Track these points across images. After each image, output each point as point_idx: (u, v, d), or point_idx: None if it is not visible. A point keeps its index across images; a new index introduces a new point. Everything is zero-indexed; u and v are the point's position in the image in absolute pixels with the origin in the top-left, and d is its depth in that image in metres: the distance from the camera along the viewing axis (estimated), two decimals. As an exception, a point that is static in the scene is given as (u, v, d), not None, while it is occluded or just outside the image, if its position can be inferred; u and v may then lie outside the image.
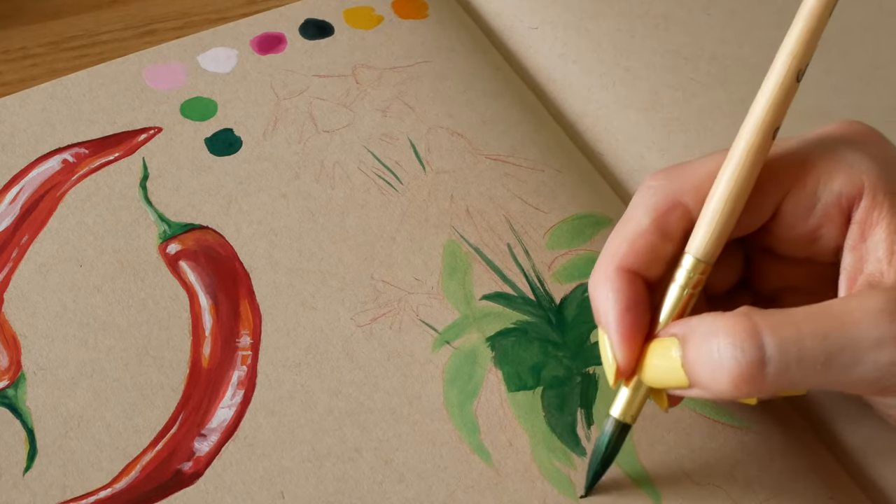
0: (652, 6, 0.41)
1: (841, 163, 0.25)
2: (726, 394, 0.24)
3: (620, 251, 0.26)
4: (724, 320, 0.24)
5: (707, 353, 0.24)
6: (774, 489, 0.28)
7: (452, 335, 0.31)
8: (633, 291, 0.26)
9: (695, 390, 0.24)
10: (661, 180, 0.26)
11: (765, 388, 0.23)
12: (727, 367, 0.23)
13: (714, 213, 0.25)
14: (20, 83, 0.38)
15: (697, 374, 0.24)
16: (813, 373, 0.23)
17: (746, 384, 0.23)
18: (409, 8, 0.41)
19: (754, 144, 0.25)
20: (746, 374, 0.23)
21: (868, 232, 0.25)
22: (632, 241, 0.26)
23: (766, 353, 0.23)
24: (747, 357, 0.23)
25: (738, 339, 0.23)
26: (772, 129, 0.25)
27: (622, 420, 0.27)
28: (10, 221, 0.33)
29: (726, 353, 0.23)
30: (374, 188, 0.35)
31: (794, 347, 0.23)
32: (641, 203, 0.26)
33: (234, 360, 0.30)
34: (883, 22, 0.41)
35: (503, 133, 0.37)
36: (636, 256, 0.26)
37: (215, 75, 0.37)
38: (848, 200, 0.25)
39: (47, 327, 0.30)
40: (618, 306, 0.25)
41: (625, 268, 0.26)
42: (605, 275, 0.26)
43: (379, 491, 0.28)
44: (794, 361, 0.23)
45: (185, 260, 0.32)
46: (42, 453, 0.28)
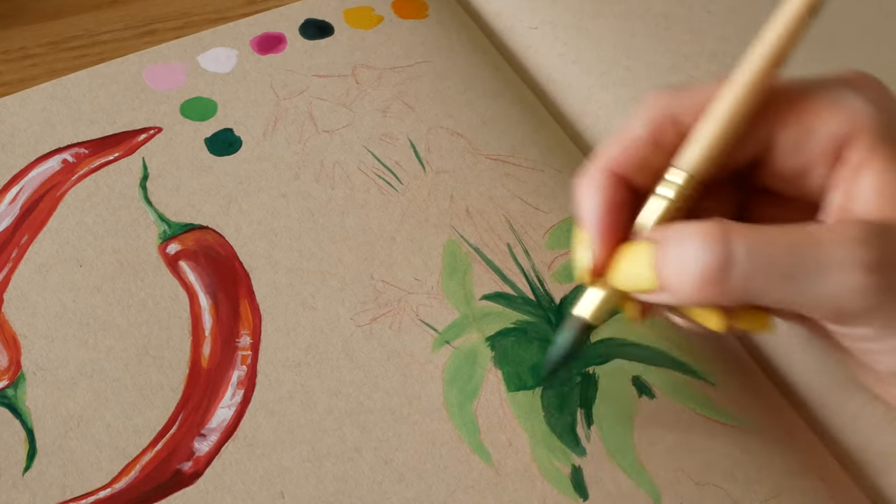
0: (652, 5, 0.41)
1: (839, 103, 0.25)
2: (689, 296, 0.24)
3: (612, 154, 0.26)
4: (696, 224, 0.24)
5: (677, 254, 0.24)
6: (774, 489, 0.28)
7: (452, 335, 0.31)
8: (618, 194, 0.26)
9: (662, 294, 0.25)
10: (663, 97, 0.27)
11: (729, 292, 0.24)
12: (694, 266, 0.23)
13: (709, 129, 0.25)
14: (20, 83, 0.38)
15: (666, 274, 0.24)
16: (777, 284, 0.23)
17: (711, 285, 0.23)
18: (408, 8, 0.41)
19: (759, 71, 0.25)
20: (712, 273, 0.23)
21: (857, 173, 0.25)
22: (625, 148, 0.26)
23: (734, 256, 0.23)
24: (714, 256, 0.23)
25: (707, 240, 0.23)
26: (779, 59, 0.25)
27: (587, 319, 0.27)
28: (9, 221, 0.33)
29: (695, 253, 0.24)
30: (374, 188, 0.35)
31: (761, 254, 0.23)
32: (640, 115, 0.27)
33: (234, 360, 0.30)
34: (883, 23, 0.41)
35: (503, 133, 0.37)
36: (627, 162, 0.26)
37: (215, 75, 0.37)
38: (842, 141, 0.25)
39: (47, 327, 0.30)
40: (601, 204, 0.26)
41: (613, 171, 0.26)
42: (594, 174, 0.26)
43: (379, 491, 0.28)
44: (760, 266, 0.23)
45: (184, 260, 0.32)
46: (42, 453, 0.28)
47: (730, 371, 0.31)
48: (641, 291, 0.25)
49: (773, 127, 0.26)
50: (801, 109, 0.26)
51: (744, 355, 0.32)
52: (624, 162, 0.26)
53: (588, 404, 0.30)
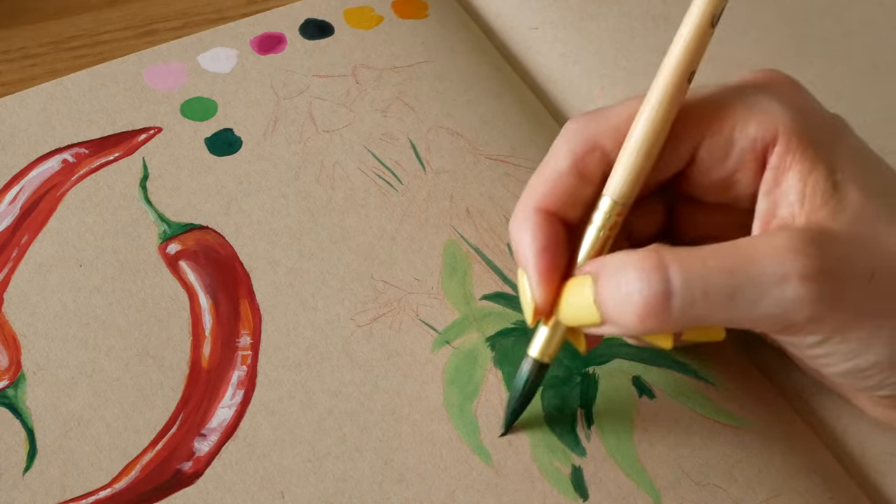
0: (651, 7, 0.41)
1: (756, 109, 0.25)
2: (633, 328, 0.24)
3: (539, 192, 0.26)
4: (633, 256, 0.24)
5: (615, 288, 0.24)
6: (774, 489, 0.28)
7: (452, 335, 0.31)
8: (552, 232, 0.26)
9: (607, 327, 0.25)
10: (581, 123, 0.27)
11: (671, 322, 0.24)
12: (633, 300, 0.24)
13: (631, 154, 0.25)
14: (20, 83, 0.38)
15: (607, 309, 0.24)
16: (719, 307, 0.23)
17: (652, 317, 0.23)
18: (409, 8, 0.41)
19: (670, 87, 0.25)
20: (651, 306, 0.23)
21: (781, 177, 0.25)
22: (551, 183, 0.26)
23: (672, 287, 0.23)
24: (653, 290, 0.23)
25: (645, 272, 0.23)
26: (687, 72, 0.25)
27: (539, 359, 0.27)
28: (10, 221, 0.33)
29: (633, 287, 0.24)
30: (374, 188, 0.35)
31: (699, 281, 0.23)
32: (561, 146, 0.27)
33: (234, 360, 0.30)
34: (883, 21, 0.41)
35: (503, 133, 0.37)
36: (555, 198, 0.26)
37: (215, 75, 0.37)
38: (763, 146, 0.25)
39: (47, 327, 0.30)
40: (535, 245, 0.26)
41: (543, 209, 0.26)
42: (524, 215, 0.26)
43: (379, 491, 0.28)
44: (699, 295, 0.23)
45: (185, 260, 0.32)
46: (42, 453, 0.28)
47: (730, 371, 0.31)
48: (588, 326, 0.25)
49: (694, 141, 0.26)
50: (719, 120, 0.26)
51: (744, 356, 0.32)
52: (552, 198, 0.26)
53: (588, 404, 0.30)
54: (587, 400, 0.30)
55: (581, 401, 0.30)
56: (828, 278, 0.23)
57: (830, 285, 0.23)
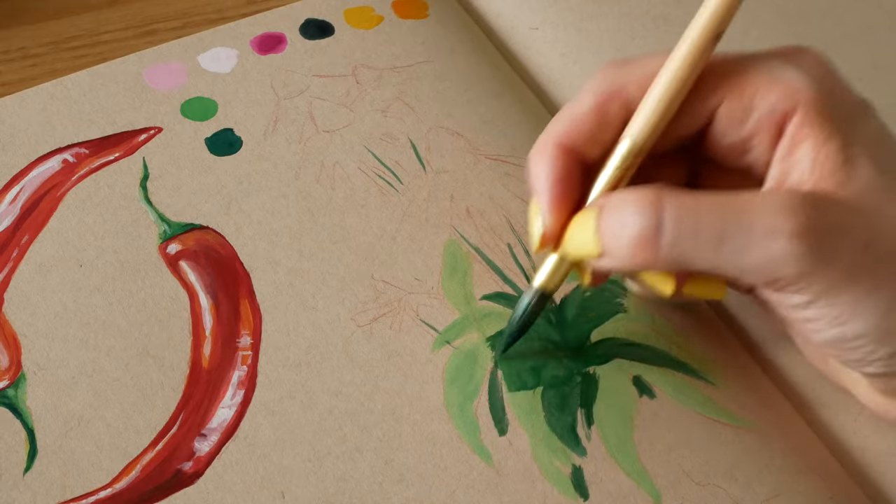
0: (651, 7, 0.42)
1: (780, 78, 0.26)
2: (625, 259, 0.25)
3: (561, 128, 0.27)
4: (636, 191, 0.25)
5: (614, 220, 0.25)
6: (775, 489, 0.28)
7: (453, 335, 0.31)
8: (568, 165, 0.27)
9: (605, 259, 0.26)
10: (611, 69, 0.27)
11: (660, 257, 0.24)
12: (627, 231, 0.25)
13: (653, 101, 0.26)
14: (20, 83, 0.38)
15: (605, 239, 0.25)
16: (707, 249, 0.24)
17: (642, 249, 0.24)
18: (409, 8, 0.41)
19: (698, 42, 0.26)
20: (642, 238, 0.24)
21: (796, 146, 0.26)
22: (573, 121, 0.27)
23: (663, 220, 0.24)
24: (645, 222, 0.24)
25: (640, 205, 0.24)
26: (716, 31, 0.26)
27: (542, 289, 0.28)
28: (10, 221, 0.33)
29: (628, 219, 0.25)
30: (374, 188, 0.35)
31: (690, 220, 0.24)
32: (588, 88, 0.27)
33: (235, 360, 0.30)
34: (883, 22, 0.41)
35: (503, 133, 0.37)
36: (575, 135, 0.27)
37: (216, 75, 0.37)
38: (782, 114, 0.26)
39: (47, 327, 0.30)
40: (551, 175, 0.27)
41: (563, 144, 0.27)
42: (543, 147, 0.27)
43: (379, 491, 0.28)
44: (688, 233, 0.24)
45: (185, 260, 0.32)
46: (42, 453, 0.28)
47: (730, 371, 0.31)
48: (588, 257, 0.26)
49: (715, 101, 0.26)
50: (742, 84, 0.26)
51: (744, 355, 0.32)
52: (573, 135, 0.27)
53: (588, 404, 0.30)
54: (588, 400, 0.30)
55: (581, 401, 0.30)
56: (819, 238, 0.24)
57: (820, 245, 0.24)
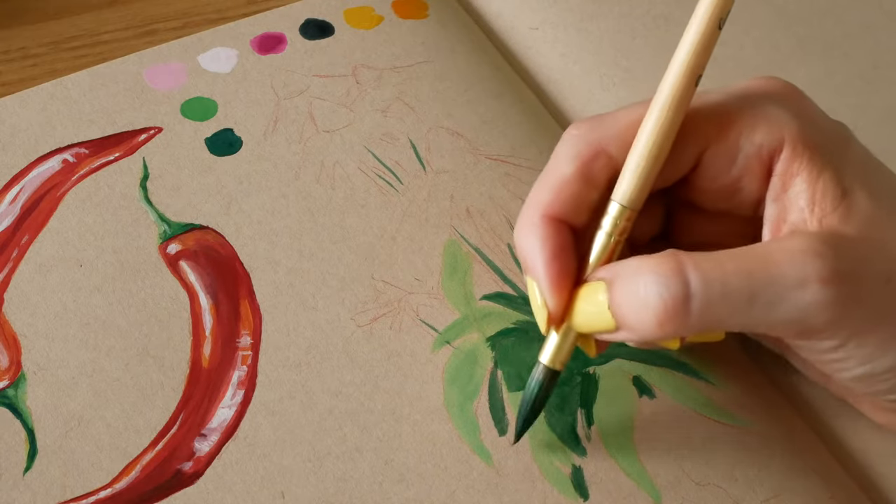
0: (652, 7, 0.42)
1: (762, 116, 0.25)
2: (651, 333, 0.24)
3: (545, 199, 0.26)
4: (650, 260, 0.24)
5: (633, 293, 0.24)
6: (775, 489, 0.28)
7: (453, 335, 0.31)
8: (560, 238, 0.26)
9: (622, 333, 0.25)
10: (584, 129, 0.27)
11: (689, 326, 0.23)
12: (652, 304, 0.23)
13: (639, 158, 0.25)
14: (20, 83, 0.38)
15: (624, 314, 0.24)
16: (738, 311, 0.23)
17: (671, 321, 0.23)
18: (409, 8, 0.41)
19: (678, 91, 0.25)
20: (671, 310, 0.23)
21: (789, 183, 0.25)
22: (557, 190, 0.26)
23: (691, 289, 0.23)
24: (672, 292, 0.23)
25: (663, 276, 0.23)
26: (694, 75, 0.25)
27: (551, 367, 0.27)
28: (10, 221, 0.33)
29: (651, 290, 0.23)
30: (374, 188, 0.35)
31: (718, 283, 0.23)
32: (565, 152, 0.26)
33: (235, 360, 0.30)
34: (883, 23, 0.41)
35: (503, 133, 0.37)
36: (561, 204, 0.26)
37: (216, 75, 0.37)
38: (769, 153, 0.25)
39: (47, 327, 0.30)
40: (545, 253, 0.26)
41: (550, 216, 0.26)
42: (530, 223, 0.26)
43: (379, 491, 0.28)
44: (718, 297, 0.23)
45: (185, 260, 0.32)
46: (42, 453, 0.28)
47: (730, 371, 0.31)
48: (602, 332, 0.25)
49: (700, 146, 0.26)
50: (726, 126, 0.26)
51: (744, 356, 0.32)
52: (559, 205, 0.26)
53: (588, 404, 0.30)
54: (588, 400, 0.30)
55: (581, 401, 0.30)
56: (846, 281, 0.23)
57: (849, 288, 0.23)
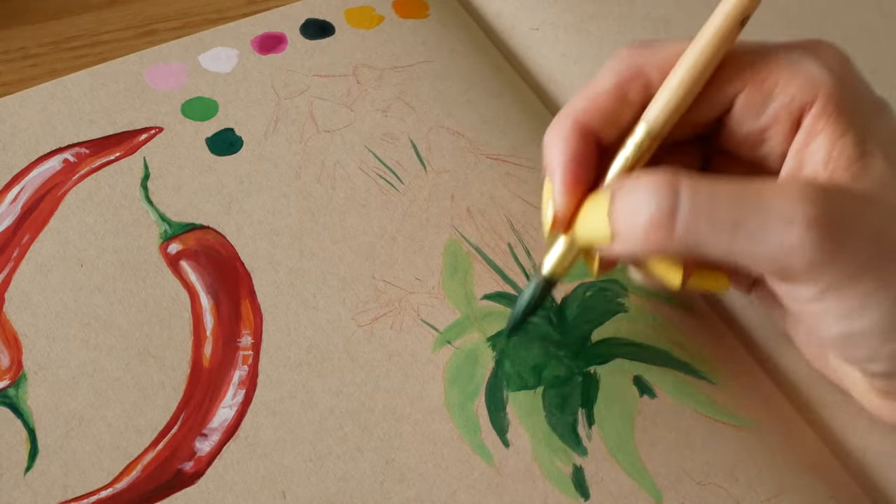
0: (653, 9, 0.42)
1: (800, 70, 0.26)
2: (638, 242, 0.24)
3: (579, 107, 0.27)
4: (650, 174, 0.25)
5: (628, 201, 0.25)
6: (775, 488, 0.28)
7: (453, 335, 0.31)
8: (584, 145, 0.27)
9: (616, 244, 0.25)
10: (631, 50, 0.27)
11: (673, 241, 0.24)
12: (641, 212, 0.24)
13: (672, 86, 0.26)
14: (20, 83, 0.38)
15: (617, 222, 0.25)
16: (721, 234, 0.24)
17: (656, 231, 0.24)
18: (409, 8, 0.41)
19: (721, 28, 0.26)
20: (657, 220, 0.24)
21: (811, 139, 0.25)
22: (592, 101, 0.27)
23: (679, 203, 0.24)
24: (660, 203, 0.24)
25: (656, 187, 0.24)
26: (740, 17, 0.26)
27: (550, 277, 0.28)
28: (10, 221, 0.33)
29: (642, 200, 0.24)
30: (374, 188, 0.35)
31: (706, 204, 0.24)
32: (608, 68, 0.27)
33: (236, 360, 0.30)
34: (882, 26, 0.41)
35: (504, 133, 0.37)
36: (593, 115, 0.27)
37: (216, 75, 0.37)
38: (800, 106, 0.26)
39: (48, 327, 0.30)
40: (566, 155, 0.26)
41: (580, 123, 0.27)
42: (560, 126, 0.27)
43: (380, 491, 0.28)
44: (704, 217, 0.24)
45: (186, 260, 0.32)
46: (43, 453, 0.28)
47: (731, 370, 0.31)
48: (600, 242, 0.26)
49: (734, 88, 0.26)
50: (762, 74, 0.26)
51: (745, 354, 0.32)
52: (590, 115, 0.27)
53: (589, 404, 0.30)
54: (588, 399, 0.30)
55: (582, 400, 0.30)
56: (833, 228, 0.23)
57: (834, 235, 0.23)
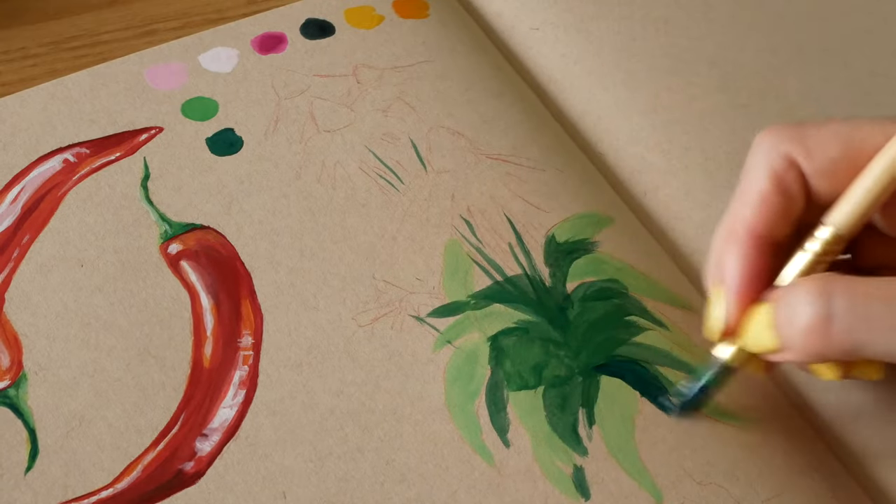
0: (653, 9, 0.42)
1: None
2: (799, 350, 0.25)
3: (750, 214, 0.27)
4: (804, 281, 0.25)
5: (785, 312, 0.25)
6: (776, 488, 0.28)
7: (454, 335, 0.31)
8: (761, 259, 0.27)
9: (782, 353, 0.26)
10: (775, 139, 0.27)
11: (831, 346, 0.24)
12: (798, 321, 0.25)
13: (866, 190, 0.26)
14: (20, 83, 0.38)
15: (781, 331, 0.25)
16: (879, 336, 0.24)
17: (813, 339, 0.24)
18: (410, 7, 0.41)
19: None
20: (813, 327, 0.24)
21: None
22: (758, 204, 0.27)
23: (833, 309, 0.24)
24: (815, 310, 0.24)
25: (811, 295, 0.25)
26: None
27: (728, 365, 0.28)
28: (11, 221, 0.33)
29: (800, 308, 0.25)
30: (375, 188, 0.35)
31: (861, 308, 0.24)
32: (758, 163, 0.27)
33: (236, 360, 0.30)
34: (881, 30, 0.41)
35: (504, 132, 0.37)
36: (765, 219, 0.27)
37: (216, 75, 0.37)
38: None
39: (49, 327, 0.30)
40: (743, 271, 0.27)
41: (756, 233, 0.27)
42: (734, 236, 0.27)
43: (381, 491, 0.28)
44: (860, 321, 0.24)
45: (186, 260, 0.32)
46: (43, 453, 0.28)
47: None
48: (767, 352, 0.26)
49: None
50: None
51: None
52: (762, 220, 0.27)
53: (590, 404, 0.30)
54: (589, 399, 0.30)
55: (583, 400, 0.30)
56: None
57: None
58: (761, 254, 0.27)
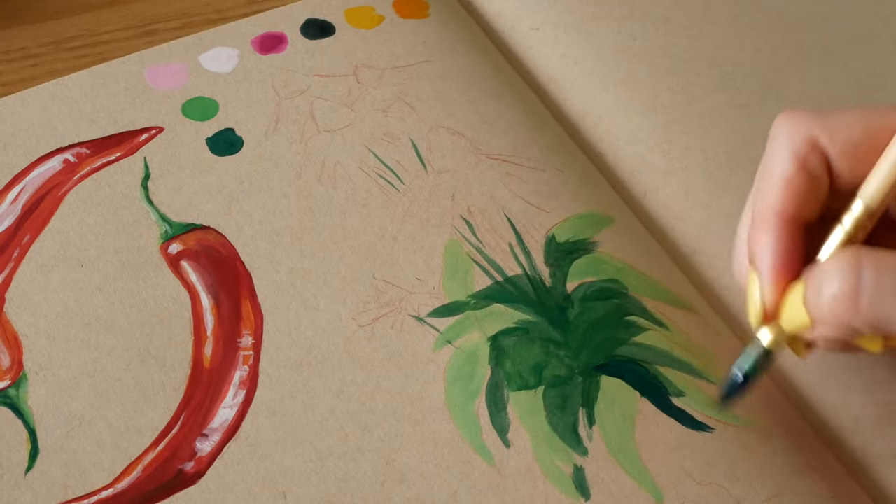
0: (652, 10, 0.42)
1: None
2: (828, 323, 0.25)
3: (778, 196, 0.27)
4: (835, 255, 0.25)
5: (815, 286, 0.25)
6: (776, 488, 0.28)
7: (454, 335, 0.31)
8: (793, 240, 0.27)
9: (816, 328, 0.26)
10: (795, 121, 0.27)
11: (860, 317, 0.24)
12: (827, 294, 0.25)
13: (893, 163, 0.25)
14: (20, 83, 0.38)
15: (811, 305, 0.25)
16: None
17: (842, 308, 0.24)
18: (410, 7, 0.41)
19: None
20: (842, 298, 0.24)
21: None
22: (784, 187, 0.27)
23: (863, 282, 0.24)
24: (844, 283, 0.24)
25: (840, 269, 0.25)
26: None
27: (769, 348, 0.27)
28: (11, 221, 0.33)
29: (829, 282, 0.25)
30: (375, 188, 0.35)
31: (889, 280, 0.24)
32: (780, 145, 0.27)
33: (236, 360, 0.30)
34: (881, 30, 0.41)
35: (504, 133, 0.37)
36: (793, 201, 0.27)
37: (216, 75, 0.37)
38: None
39: (49, 327, 0.30)
40: (778, 252, 0.27)
41: (786, 215, 0.27)
42: (765, 220, 0.27)
43: (381, 491, 0.28)
44: (888, 293, 0.24)
45: (186, 260, 0.32)
46: (44, 453, 0.28)
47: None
48: (803, 329, 0.26)
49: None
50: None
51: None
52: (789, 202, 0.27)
53: (590, 404, 0.30)
54: (589, 399, 0.30)
55: (583, 400, 0.30)
56: None
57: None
58: (791, 235, 0.27)
